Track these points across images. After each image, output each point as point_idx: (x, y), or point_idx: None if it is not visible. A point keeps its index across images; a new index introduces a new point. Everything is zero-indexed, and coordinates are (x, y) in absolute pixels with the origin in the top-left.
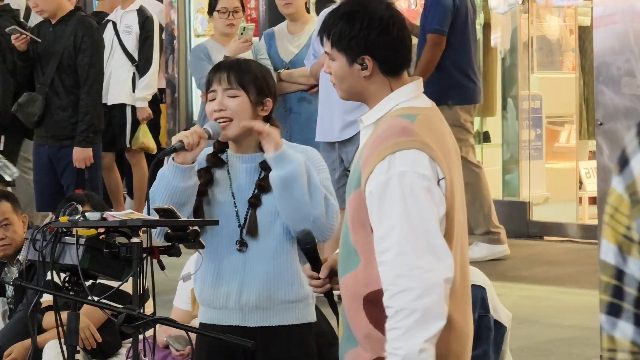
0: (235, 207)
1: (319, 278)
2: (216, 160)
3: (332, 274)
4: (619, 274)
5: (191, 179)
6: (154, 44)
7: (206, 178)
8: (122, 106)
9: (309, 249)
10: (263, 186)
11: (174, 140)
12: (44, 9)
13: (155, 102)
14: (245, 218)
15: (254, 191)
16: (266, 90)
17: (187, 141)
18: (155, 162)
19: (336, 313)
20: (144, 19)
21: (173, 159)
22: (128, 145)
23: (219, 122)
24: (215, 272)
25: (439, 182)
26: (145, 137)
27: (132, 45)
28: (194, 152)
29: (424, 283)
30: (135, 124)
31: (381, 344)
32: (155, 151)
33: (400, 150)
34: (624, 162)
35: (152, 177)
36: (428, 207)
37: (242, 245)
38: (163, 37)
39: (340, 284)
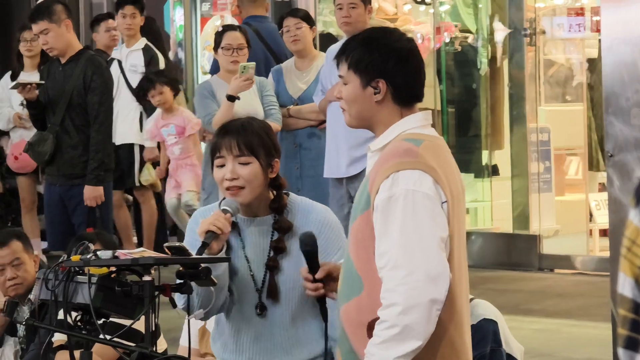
0: (251, 271)
1: (315, 281)
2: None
3: (330, 279)
4: (637, 308)
5: (224, 264)
6: None
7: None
8: (130, 145)
9: (309, 251)
10: (280, 248)
11: (200, 233)
12: (53, 47)
13: None
14: (263, 281)
15: (269, 253)
16: (273, 150)
17: (215, 229)
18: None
19: (326, 320)
20: (150, 58)
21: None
22: (137, 184)
23: (230, 191)
24: (235, 337)
25: (442, 204)
26: (151, 174)
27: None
28: (224, 237)
29: (408, 300)
30: (143, 162)
31: None
32: (159, 189)
33: (403, 170)
34: None
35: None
36: (429, 226)
37: (261, 309)
38: None
39: (341, 312)
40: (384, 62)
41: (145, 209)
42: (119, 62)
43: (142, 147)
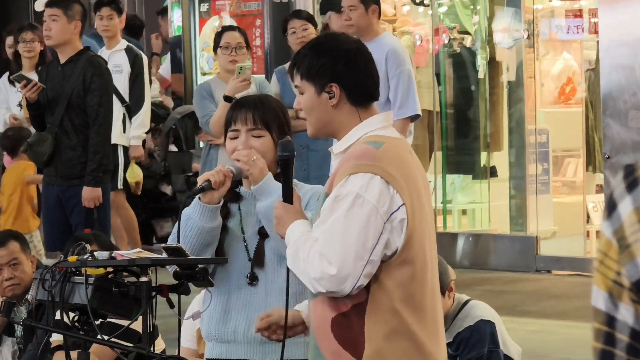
0: (245, 241)
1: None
2: (232, 195)
3: (277, 327)
4: (610, 321)
5: (217, 219)
6: (145, 82)
7: (224, 213)
8: (114, 147)
9: (285, 156)
10: None
11: (200, 180)
12: (52, 35)
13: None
14: (255, 251)
15: None
16: (286, 128)
17: (213, 180)
18: (184, 204)
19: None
20: (134, 57)
21: (199, 199)
22: (120, 187)
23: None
24: (223, 307)
25: (397, 208)
26: (138, 174)
27: (122, 85)
28: (221, 191)
29: (317, 279)
30: (127, 164)
31: None
32: (139, 191)
33: (357, 173)
34: (611, 207)
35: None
36: (356, 234)
37: (252, 278)
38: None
39: (309, 307)
40: (333, 65)
41: (122, 214)
42: None
43: (125, 148)
